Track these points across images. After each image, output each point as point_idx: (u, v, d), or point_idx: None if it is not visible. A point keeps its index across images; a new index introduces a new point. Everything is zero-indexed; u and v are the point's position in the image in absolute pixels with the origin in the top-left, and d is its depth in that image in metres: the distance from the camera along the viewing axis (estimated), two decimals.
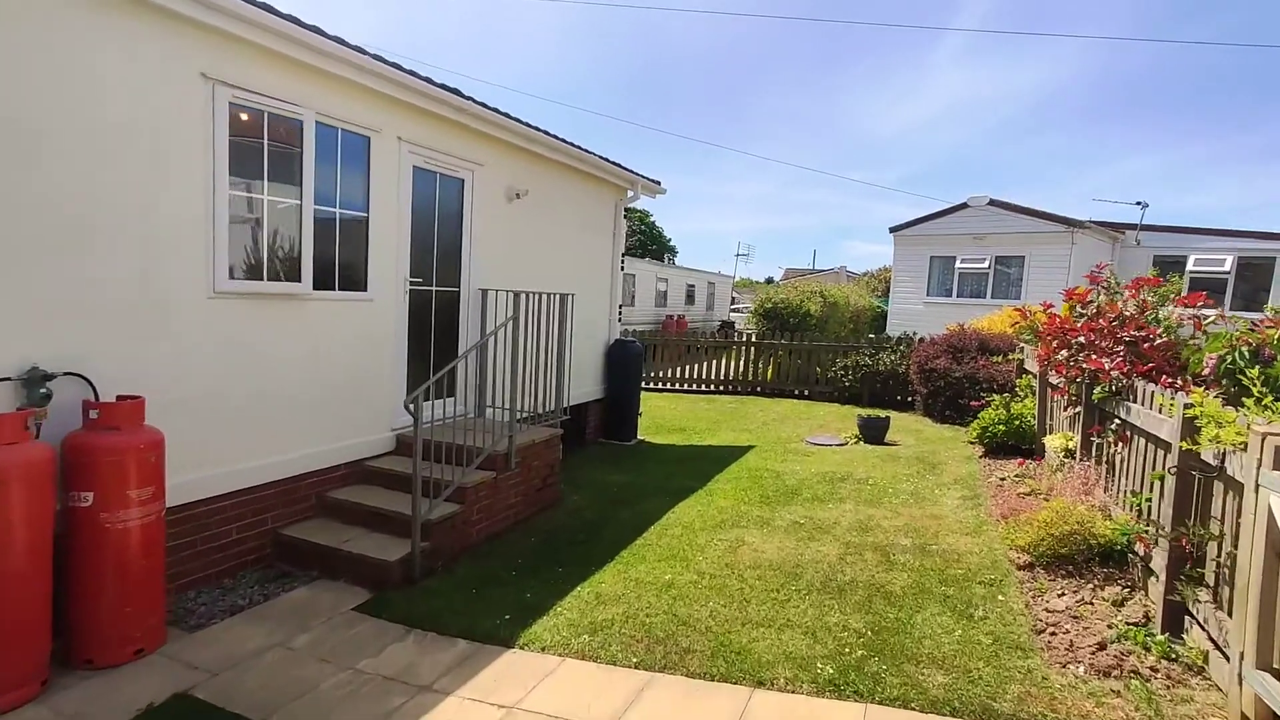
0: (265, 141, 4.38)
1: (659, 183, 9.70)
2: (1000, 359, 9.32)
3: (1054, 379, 6.47)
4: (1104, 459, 4.92)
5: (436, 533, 4.75)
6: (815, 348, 12.27)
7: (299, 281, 4.69)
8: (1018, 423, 7.25)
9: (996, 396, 8.07)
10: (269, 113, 4.37)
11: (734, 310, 30.21)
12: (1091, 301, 5.59)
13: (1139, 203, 14.57)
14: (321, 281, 4.94)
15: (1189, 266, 13.90)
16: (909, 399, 11.10)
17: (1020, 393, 8.23)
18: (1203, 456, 3.18)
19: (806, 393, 12.29)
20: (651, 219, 53.42)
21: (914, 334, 11.96)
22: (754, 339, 12.93)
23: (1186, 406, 3.25)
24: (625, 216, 9.80)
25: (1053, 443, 6.06)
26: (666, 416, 10.87)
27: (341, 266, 5.12)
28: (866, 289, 23.50)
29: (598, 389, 9.13)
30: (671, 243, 53.86)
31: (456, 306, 6.42)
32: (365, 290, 5.34)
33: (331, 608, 4.09)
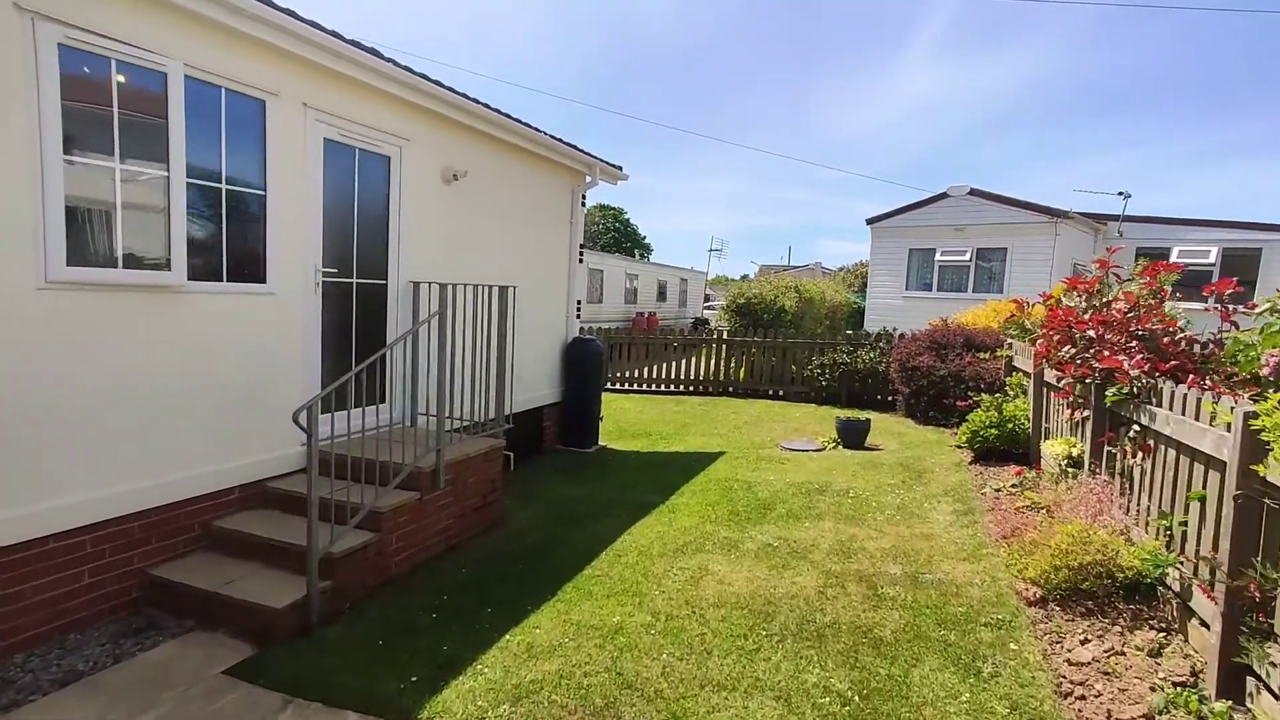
0: (115, 97, 3.57)
1: (620, 168, 8.97)
2: (987, 355, 8.74)
3: (1051, 378, 5.85)
4: (1119, 471, 4.28)
5: (342, 568, 3.98)
6: (790, 345, 11.62)
7: (168, 270, 3.88)
8: (1011, 426, 6.63)
9: (985, 396, 7.46)
10: (118, 61, 3.55)
11: (708, 307, 29.56)
12: (1100, 290, 4.95)
13: (1121, 193, 14.14)
14: (204, 271, 4.13)
15: (1173, 258, 13.47)
16: (890, 399, 10.49)
17: (1011, 392, 7.63)
18: (1272, 480, 2.52)
19: (781, 393, 11.64)
20: (626, 216, 52.63)
21: (893, 330, 11.37)
22: (725, 336, 12.24)
23: (1249, 417, 2.59)
24: (602, 209, 9.06)
25: (1053, 449, 5.44)
26: (632, 420, 10.15)
27: (232, 254, 4.32)
28: (843, 284, 22.98)
29: (555, 392, 8.38)
30: (646, 240, 53.18)
31: (384, 302, 5.63)
32: (264, 282, 4.54)
33: (196, 671, 3.31)
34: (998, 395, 7.27)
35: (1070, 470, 5.17)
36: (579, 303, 8.88)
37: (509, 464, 7.47)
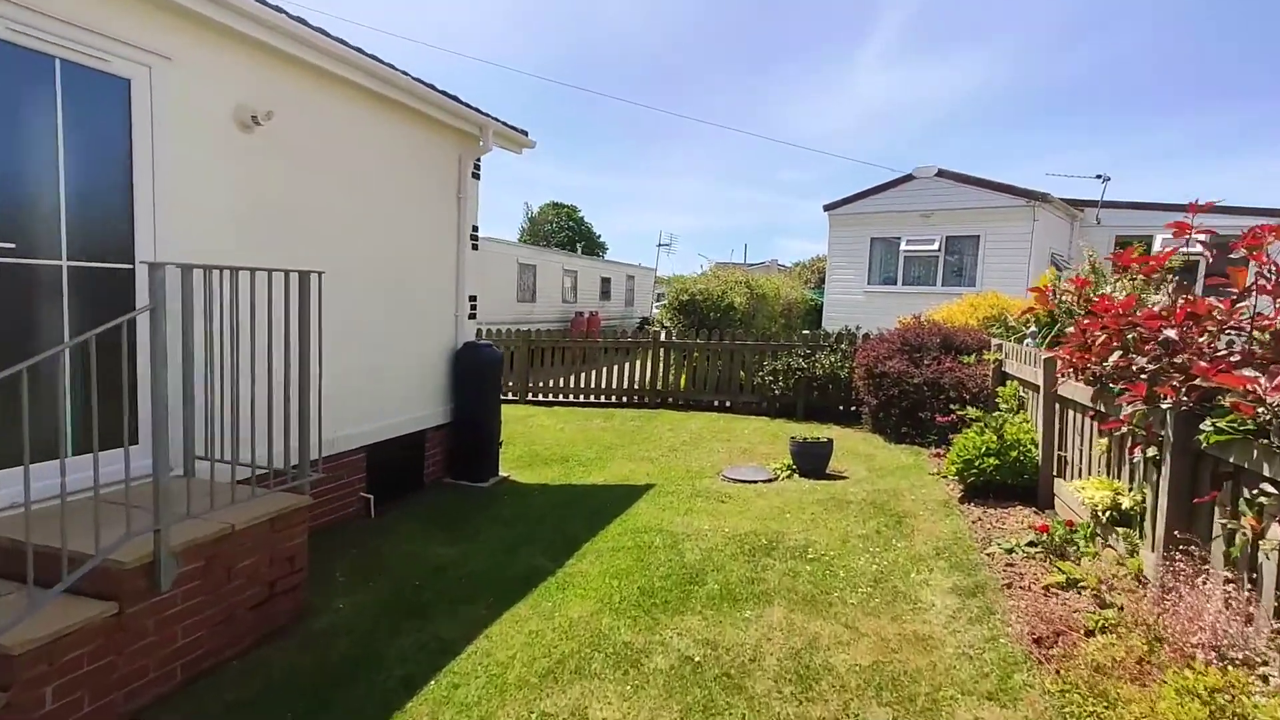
0: None
1: (525, 132, 7.25)
2: (971, 360, 7.25)
3: (1080, 395, 4.32)
4: (1235, 556, 2.71)
5: None
6: (739, 348, 10.00)
7: None
8: (1016, 455, 5.09)
9: (973, 411, 5.93)
10: None
11: (658, 305, 27.89)
12: (1172, 269, 3.41)
13: (1100, 176, 12.96)
14: None
15: (1155, 246, 12.33)
16: (854, 409, 8.95)
17: (1004, 405, 6.13)
18: None
19: (729, 404, 10.03)
20: (580, 214, 50.72)
21: (856, 329, 9.87)
22: (664, 338, 10.56)
23: None
24: (556, 206, 7.31)
25: (1086, 494, 3.89)
26: (549, 441, 8.42)
27: None
28: (799, 280, 21.57)
29: (440, 411, 6.62)
30: (602, 239, 51.35)
31: (127, 294, 3.80)
32: None
33: None
34: (999, 415, 5.72)
35: (1119, 530, 3.62)
36: (472, 299, 7.13)
37: (369, 510, 5.72)
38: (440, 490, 6.41)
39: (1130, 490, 3.65)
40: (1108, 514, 3.68)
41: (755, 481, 6.42)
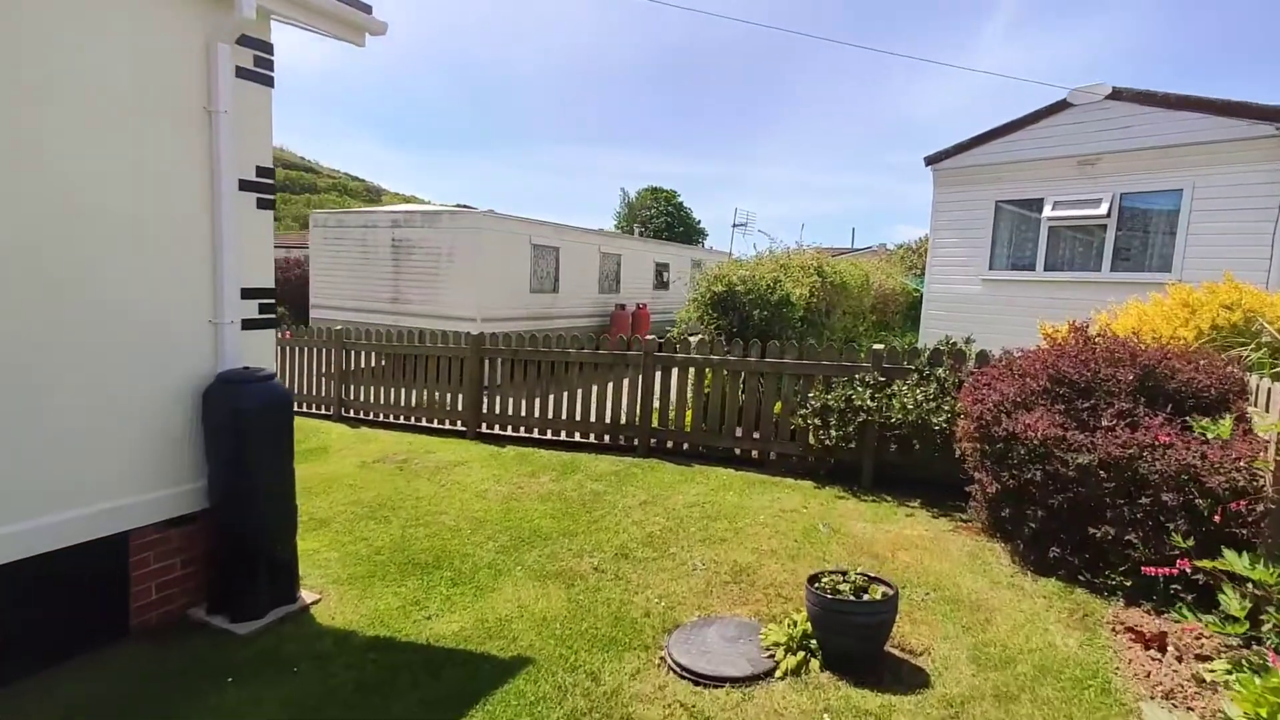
0: None
1: (368, 7, 4.16)
2: (1214, 427, 3.42)
3: None
4: None
5: None
6: (775, 369, 6.44)
7: None
8: None
9: (1233, 557, 2.27)
10: None
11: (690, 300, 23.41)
12: None
13: None
14: None
15: None
16: (959, 482, 5.18)
17: None
18: None
19: (755, 455, 6.52)
20: (679, 199, 47.47)
21: (967, 342, 6.10)
22: (658, 350, 7.17)
23: None
24: (654, 192, 4.30)
25: None
26: (450, 516, 5.31)
27: None
28: (901, 265, 17.27)
29: (169, 496, 3.79)
30: (701, 224, 47.88)
31: None
32: None
33: None
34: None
35: None
36: (263, 293, 4.14)
37: None
38: (159, 645, 3.48)
39: None
40: None
41: (724, 682, 3.03)
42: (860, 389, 5.72)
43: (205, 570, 3.92)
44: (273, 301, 4.31)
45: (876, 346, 5.90)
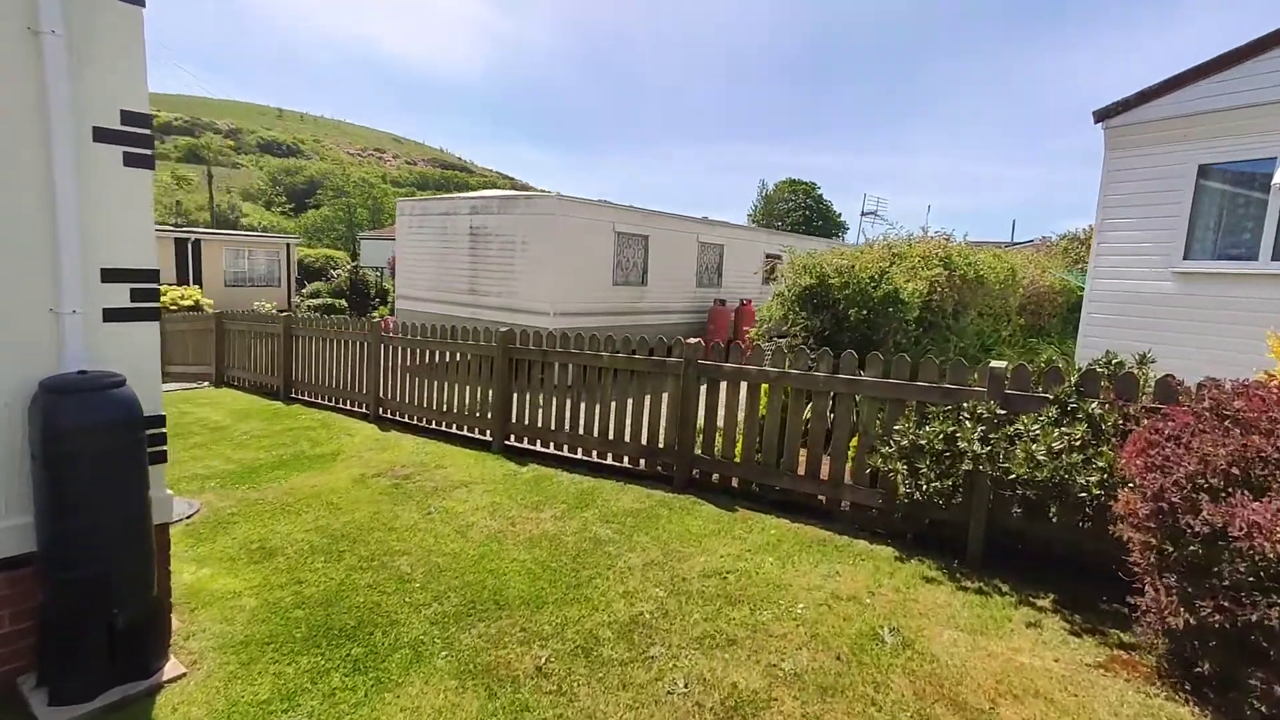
0: None
1: None
2: None
3: None
4: None
5: None
6: (852, 387, 4.75)
7: None
8: None
9: None
10: None
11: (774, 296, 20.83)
12: None
13: None
14: None
15: None
16: (1119, 564, 3.35)
17: None
18: None
19: (821, 499, 4.88)
20: (819, 191, 45.23)
21: (1141, 360, 4.15)
22: (703, 358, 5.47)
23: None
24: (792, 184, 3.55)
25: None
26: (410, 557, 4.21)
27: None
28: (1063, 258, 14.37)
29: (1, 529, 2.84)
30: (841, 217, 45.53)
31: None
32: None
33: None
34: None
35: None
36: (138, 277, 3.23)
37: None
38: None
39: None
40: None
41: None
42: (968, 424, 3.98)
43: (41, 629, 3.07)
44: (154, 286, 3.37)
45: (995, 364, 4.10)
